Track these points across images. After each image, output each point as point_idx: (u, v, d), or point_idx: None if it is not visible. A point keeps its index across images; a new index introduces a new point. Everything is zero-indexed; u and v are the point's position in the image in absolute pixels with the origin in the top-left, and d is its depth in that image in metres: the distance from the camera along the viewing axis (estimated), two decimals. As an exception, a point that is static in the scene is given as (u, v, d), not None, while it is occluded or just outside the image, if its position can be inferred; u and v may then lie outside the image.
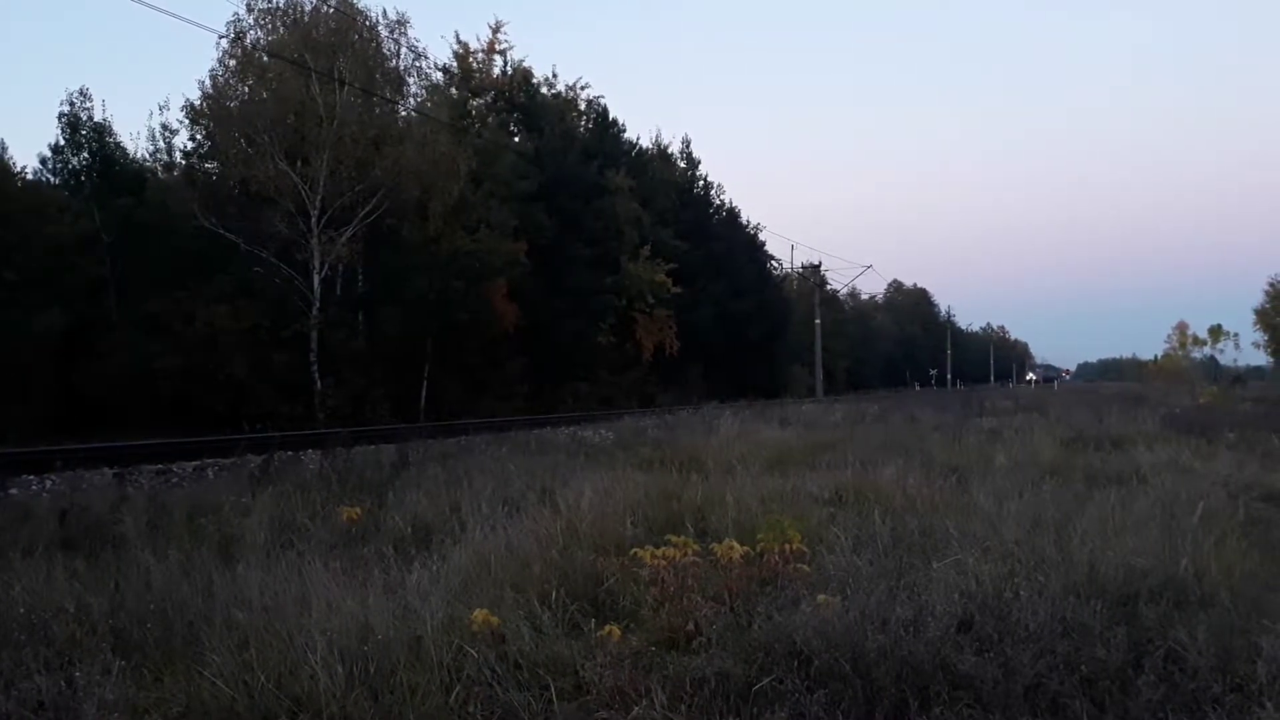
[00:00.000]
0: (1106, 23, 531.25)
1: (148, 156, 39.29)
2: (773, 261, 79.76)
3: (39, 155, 38.12)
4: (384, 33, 37.58)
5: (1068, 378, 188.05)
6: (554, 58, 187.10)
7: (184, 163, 39.17)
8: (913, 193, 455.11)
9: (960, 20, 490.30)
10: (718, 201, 71.11)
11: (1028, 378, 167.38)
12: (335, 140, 33.93)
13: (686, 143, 71.33)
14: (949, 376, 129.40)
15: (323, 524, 9.46)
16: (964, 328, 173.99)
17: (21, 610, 6.09)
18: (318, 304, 34.11)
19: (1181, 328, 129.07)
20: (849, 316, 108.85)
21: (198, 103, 36.05)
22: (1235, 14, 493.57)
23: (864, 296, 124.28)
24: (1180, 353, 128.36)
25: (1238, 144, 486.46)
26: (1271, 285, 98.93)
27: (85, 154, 36.35)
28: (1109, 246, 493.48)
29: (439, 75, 48.80)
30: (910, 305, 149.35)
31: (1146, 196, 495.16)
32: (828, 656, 5.04)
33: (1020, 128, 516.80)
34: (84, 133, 36.13)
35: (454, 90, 51.67)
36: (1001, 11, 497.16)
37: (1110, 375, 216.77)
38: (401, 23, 38.02)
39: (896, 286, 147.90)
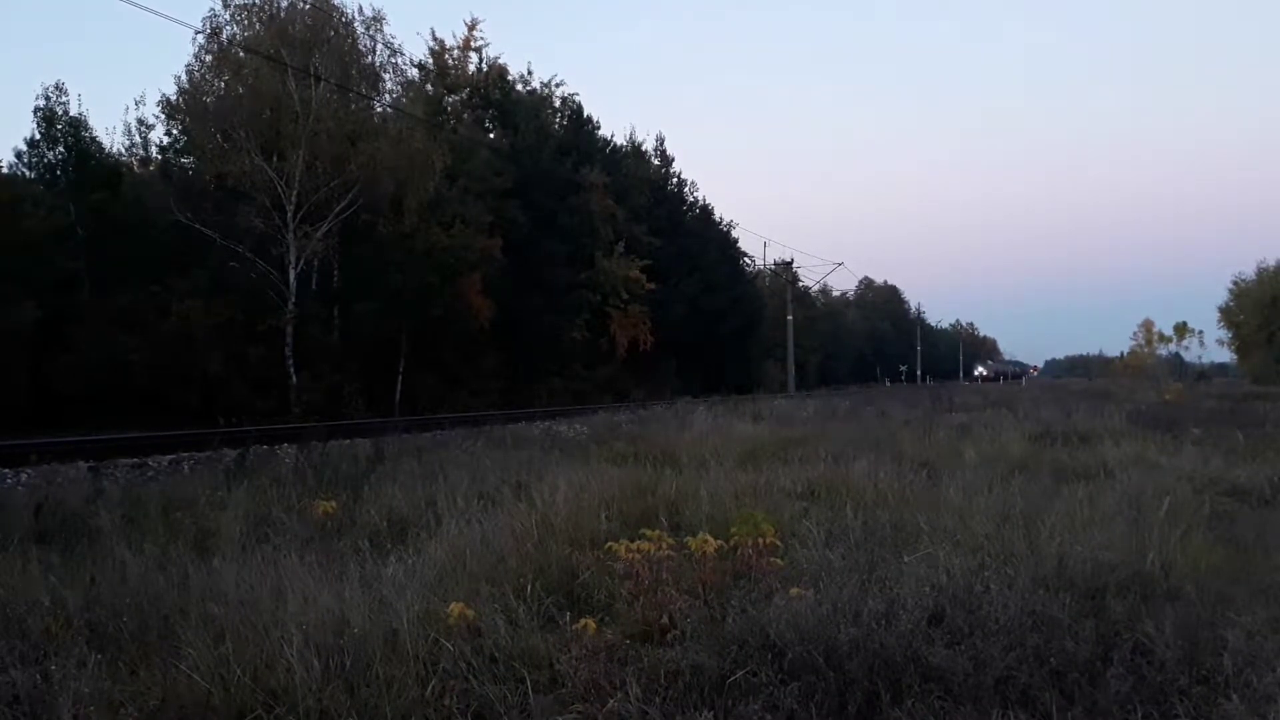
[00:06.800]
0: (1073, 21, 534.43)
1: (123, 151, 39.15)
2: (745, 258, 79.94)
3: (14, 149, 38.00)
4: (360, 29, 37.47)
5: (1035, 374, 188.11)
6: (528, 55, 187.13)
7: (160, 157, 39.08)
8: (884, 191, 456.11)
9: (926, 21, 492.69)
10: (691, 199, 71.25)
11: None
12: (311, 136, 33.78)
13: (660, 140, 71.33)
14: (919, 372, 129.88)
15: (298, 518, 9.44)
16: (934, 324, 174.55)
17: (-4, 604, 6.09)
18: (293, 299, 33.94)
19: (1147, 325, 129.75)
20: (820, 313, 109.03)
21: (174, 98, 36.01)
22: (1193, 12, 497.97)
23: (835, 293, 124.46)
24: (1146, 350, 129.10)
25: (1202, 143, 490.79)
26: (1235, 283, 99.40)
27: (61, 148, 36.03)
28: (1076, 245, 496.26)
29: (414, 72, 48.65)
30: (881, 302, 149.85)
31: (1112, 195, 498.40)
32: (801, 649, 5.08)
33: (989, 129, 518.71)
34: (59, 127, 35.79)
35: (429, 87, 51.49)
36: (966, 11, 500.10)
37: (1077, 372, 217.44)
38: (377, 19, 37.93)
39: (867, 283, 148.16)
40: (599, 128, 61.93)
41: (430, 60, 52.87)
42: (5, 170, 35.81)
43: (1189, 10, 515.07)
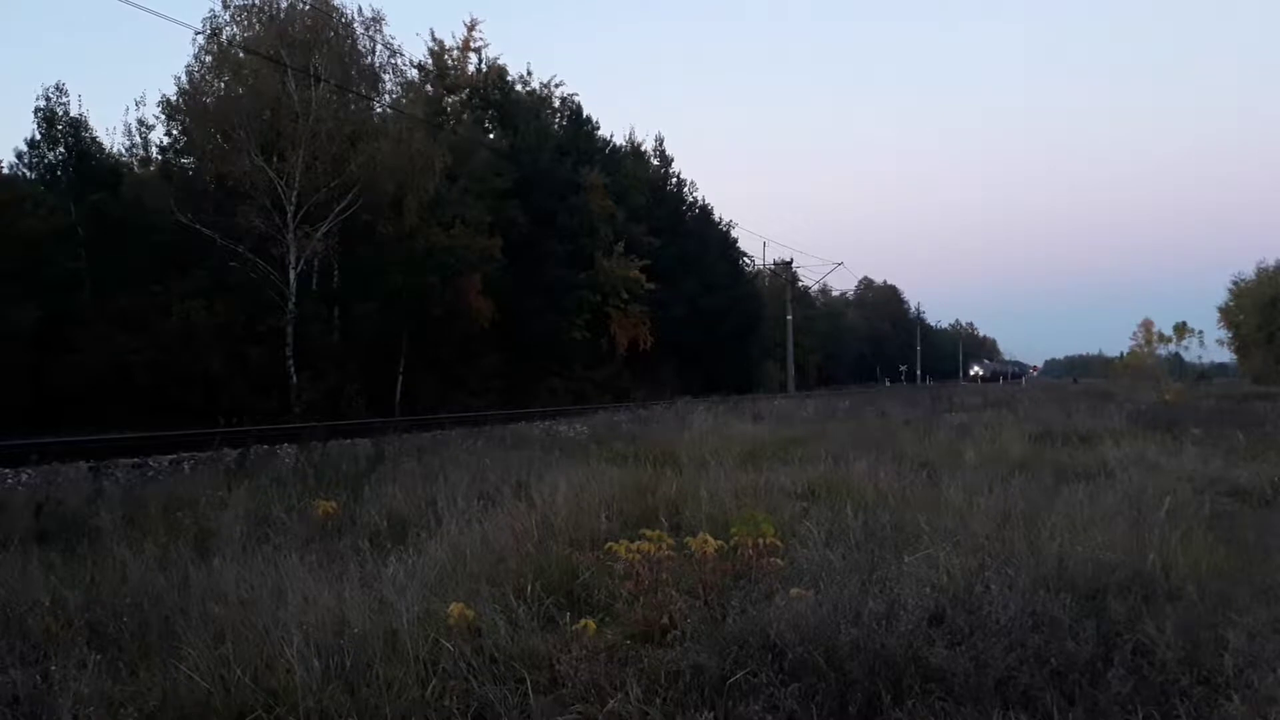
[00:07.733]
0: (1074, 21, 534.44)
1: (124, 152, 39.12)
2: (745, 258, 79.99)
3: (15, 149, 38.05)
4: (359, 30, 37.37)
5: (1035, 374, 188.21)
6: (528, 55, 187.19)
7: (160, 158, 39.01)
8: (885, 191, 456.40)
9: (925, 21, 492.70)
10: (690, 199, 71.30)
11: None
12: (311, 136, 33.69)
13: (659, 140, 71.60)
14: (918, 372, 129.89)
15: (299, 518, 9.44)
16: (933, 324, 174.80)
17: (-4, 604, 6.09)
18: (293, 299, 33.87)
19: (1147, 325, 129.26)
20: (820, 313, 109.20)
21: (174, 98, 36.01)
22: (1194, 11, 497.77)
23: (835, 293, 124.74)
24: (1146, 350, 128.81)
25: (1202, 142, 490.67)
26: (1235, 283, 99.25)
27: (61, 149, 36.10)
28: (1076, 245, 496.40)
29: (414, 72, 48.58)
30: (880, 302, 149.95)
31: (1112, 195, 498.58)
32: (801, 650, 5.08)
33: (989, 128, 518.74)
34: (60, 127, 35.85)
35: (429, 87, 51.48)
36: (965, 11, 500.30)
37: (1077, 371, 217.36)
38: (377, 20, 37.86)
39: (867, 283, 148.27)
40: (598, 128, 62.10)
41: (430, 61, 52.98)
42: (5, 170, 35.94)
43: (1191, 9, 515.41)
